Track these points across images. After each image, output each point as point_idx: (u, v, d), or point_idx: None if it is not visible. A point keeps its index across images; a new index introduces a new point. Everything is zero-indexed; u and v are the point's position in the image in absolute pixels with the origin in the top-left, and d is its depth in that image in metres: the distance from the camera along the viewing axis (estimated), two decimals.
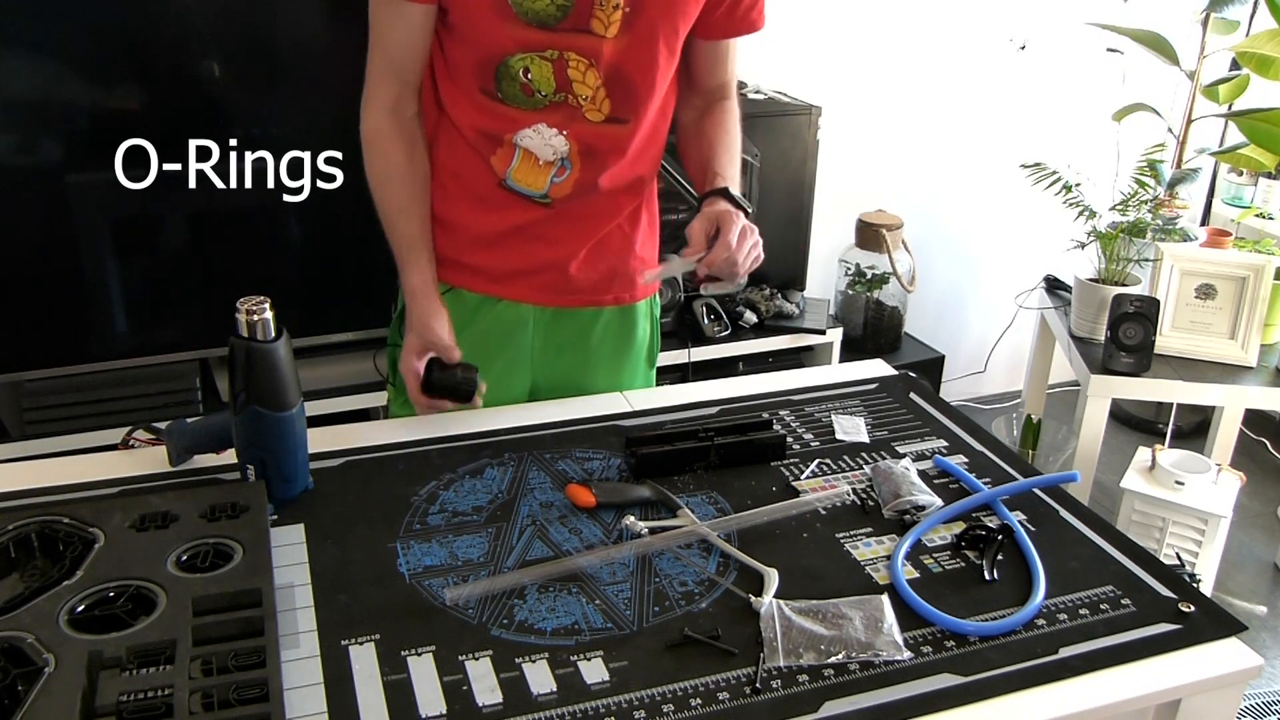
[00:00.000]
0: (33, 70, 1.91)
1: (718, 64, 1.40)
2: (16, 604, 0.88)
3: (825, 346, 2.69)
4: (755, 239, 1.29)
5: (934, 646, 0.94)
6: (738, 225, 1.26)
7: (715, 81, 1.42)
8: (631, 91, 1.28)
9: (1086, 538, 1.12)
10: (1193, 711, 0.97)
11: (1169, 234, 2.55)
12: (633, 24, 1.23)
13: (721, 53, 1.39)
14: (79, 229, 2.03)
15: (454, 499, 1.15)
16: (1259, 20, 3.03)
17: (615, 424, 1.33)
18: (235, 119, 2.08)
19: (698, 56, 1.39)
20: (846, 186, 2.93)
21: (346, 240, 2.24)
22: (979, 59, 3.03)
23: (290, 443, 1.10)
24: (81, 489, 1.13)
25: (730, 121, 1.42)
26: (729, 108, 1.44)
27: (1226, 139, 3.19)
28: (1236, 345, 2.36)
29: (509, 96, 1.26)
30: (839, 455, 1.27)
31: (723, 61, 1.40)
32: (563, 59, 1.23)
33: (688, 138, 1.44)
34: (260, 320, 1.05)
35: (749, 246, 1.28)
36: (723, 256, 1.25)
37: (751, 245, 1.28)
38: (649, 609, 0.98)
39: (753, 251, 1.28)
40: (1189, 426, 3.32)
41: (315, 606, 0.96)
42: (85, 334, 2.10)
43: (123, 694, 0.79)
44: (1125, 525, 2.18)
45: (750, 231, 1.28)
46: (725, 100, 1.44)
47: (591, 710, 0.85)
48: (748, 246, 1.27)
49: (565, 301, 1.40)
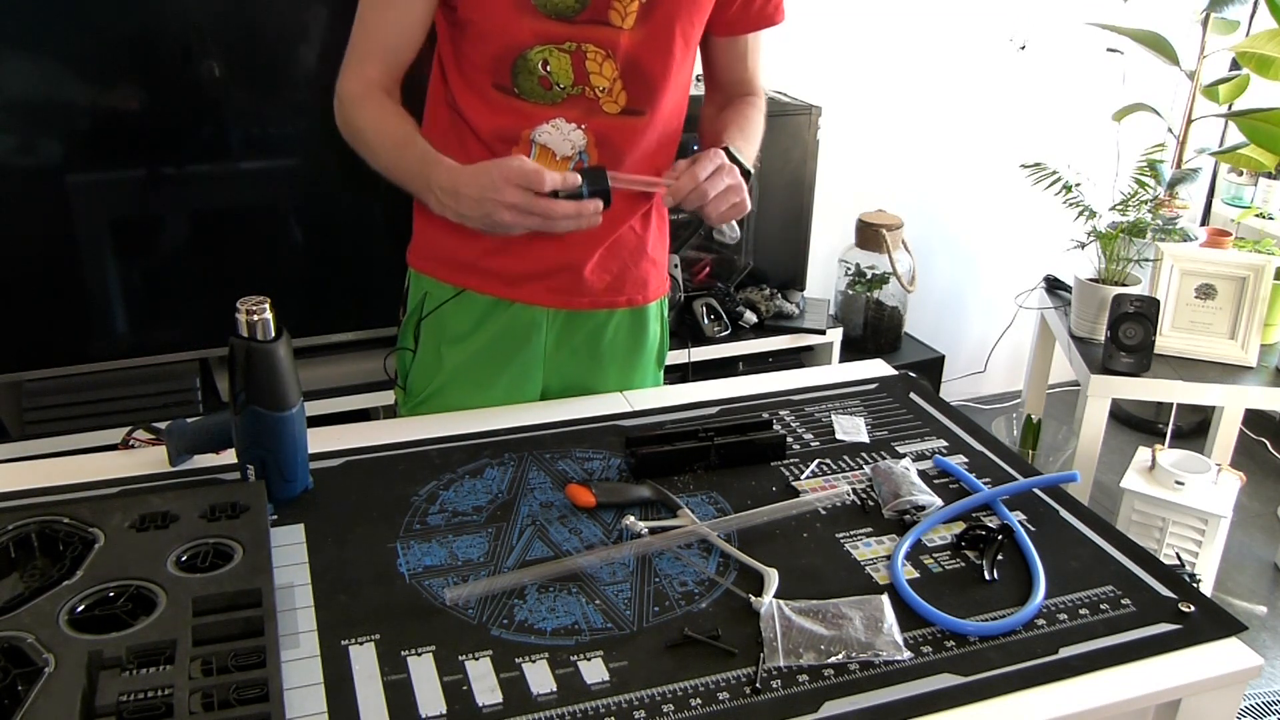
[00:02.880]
0: (33, 70, 1.91)
1: (737, 60, 1.40)
2: (16, 604, 0.88)
3: (825, 346, 2.69)
4: (734, 180, 1.23)
5: (934, 646, 0.94)
6: (712, 159, 1.22)
7: (736, 77, 1.41)
8: (648, 82, 1.28)
9: (1086, 538, 1.12)
10: (1193, 711, 0.97)
11: (1169, 234, 2.55)
12: (650, 15, 1.23)
13: (740, 49, 1.39)
14: (79, 229, 2.03)
15: (454, 499, 1.15)
16: (1259, 20, 3.04)
17: (615, 424, 1.33)
18: (236, 119, 2.08)
19: (717, 53, 1.39)
20: (846, 186, 2.94)
21: (347, 240, 2.24)
22: (979, 59, 3.03)
23: (290, 443, 1.10)
24: (81, 489, 1.13)
25: (749, 111, 1.40)
26: (751, 101, 1.42)
27: (1226, 139, 3.19)
28: (1236, 345, 2.36)
29: (526, 91, 1.25)
30: (839, 455, 1.27)
31: (742, 58, 1.40)
32: (581, 51, 1.23)
33: (706, 126, 1.43)
34: (260, 320, 1.05)
35: (723, 184, 1.22)
36: (688, 187, 1.20)
37: (728, 186, 1.22)
38: (649, 609, 0.98)
39: (729, 194, 1.23)
40: (1189, 426, 3.32)
41: (315, 606, 0.96)
42: (85, 334, 2.10)
43: (123, 694, 0.79)
44: (1125, 525, 2.18)
45: (728, 171, 1.23)
46: (749, 95, 1.43)
47: (591, 710, 0.85)
48: (722, 184, 1.22)
49: (578, 304, 1.39)
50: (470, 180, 1.16)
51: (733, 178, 1.23)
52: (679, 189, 1.20)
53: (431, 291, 1.38)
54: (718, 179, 1.22)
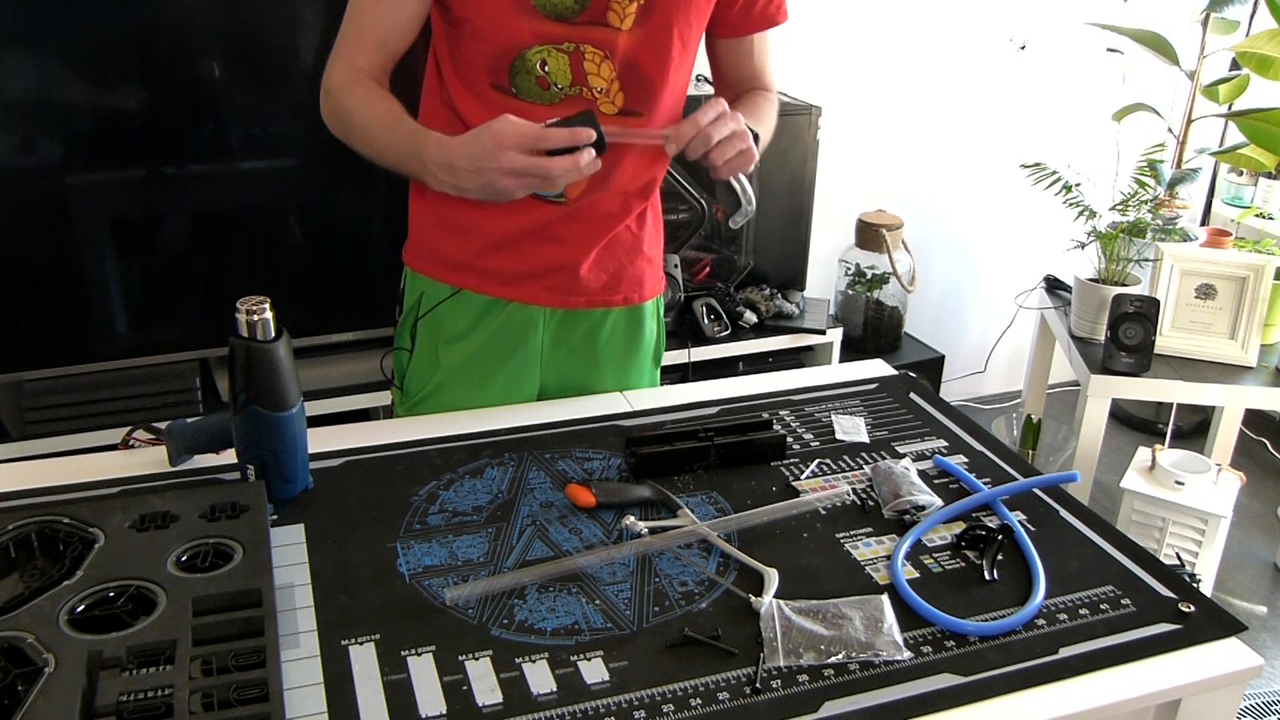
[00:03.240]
0: (33, 70, 1.91)
1: (743, 60, 1.39)
2: (16, 604, 0.88)
3: (825, 346, 2.69)
4: (738, 127, 1.18)
5: (934, 646, 0.94)
6: (714, 106, 1.18)
7: (745, 75, 1.41)
8: (645, 83, 1.28)
9: (1086, 538, 1.12)
10: (1193, 711, 0.97)
11: (1169, 234, 2.55)
12: (648, 16, 1.23)
13: (746, 49, 1.38)
14: (79, 229, 2.03)
15: (454, 499, 1.15)
16: (1259, 20, 3.04)
17: (615, 424, 1.33)
18: (236, 119, 2.08)
19: (723, 53, 1.39)
20: (846, 186, 2.94)
21: (347, 240, 2.24)
22: (979, 59, 3.03)
23: (290, 443, 1.10)
24: (81, 489, 1.13)
25: (758, 98, 1.39)
26: (762, 93, 1.41)
27: (1226, 139, 3.19)
28: (1236, 345, 2.36)
29: (524, 91, 1.25)
30: (839, 455, 1.27)
31: (748, 57, 1.39)
32: (579, 51, 1.23)
33: None
34: (260, 320, 1.05)
35: (727, 129, 1.17)
36: (690, 133, 1.16)
37: (733, 132, 1.18)
38: (649, 609, 0.98)
39: (734, 141, 1.18)
40: (1189, 426, 3.32)
41: (315, 606, 0.96)
42: (85, 334, 2.10)
43: (123, 694, 0.79)
44: (1125, 525, 2.18)
45: (731, 118, 1.18)
46: (761, 90, 1.42)
47: (591, 710, 0.85)
48: (726, 129, 1.17)
49: (574, 303, 1.39)
50: (462, 151, 1.13)
51: (736, 124, 1.19)
52: (680, 134, 1.17)
53: (428, 291, 1.38)
54: (721, 124, 1.17)
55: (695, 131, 1.16)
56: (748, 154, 1.21)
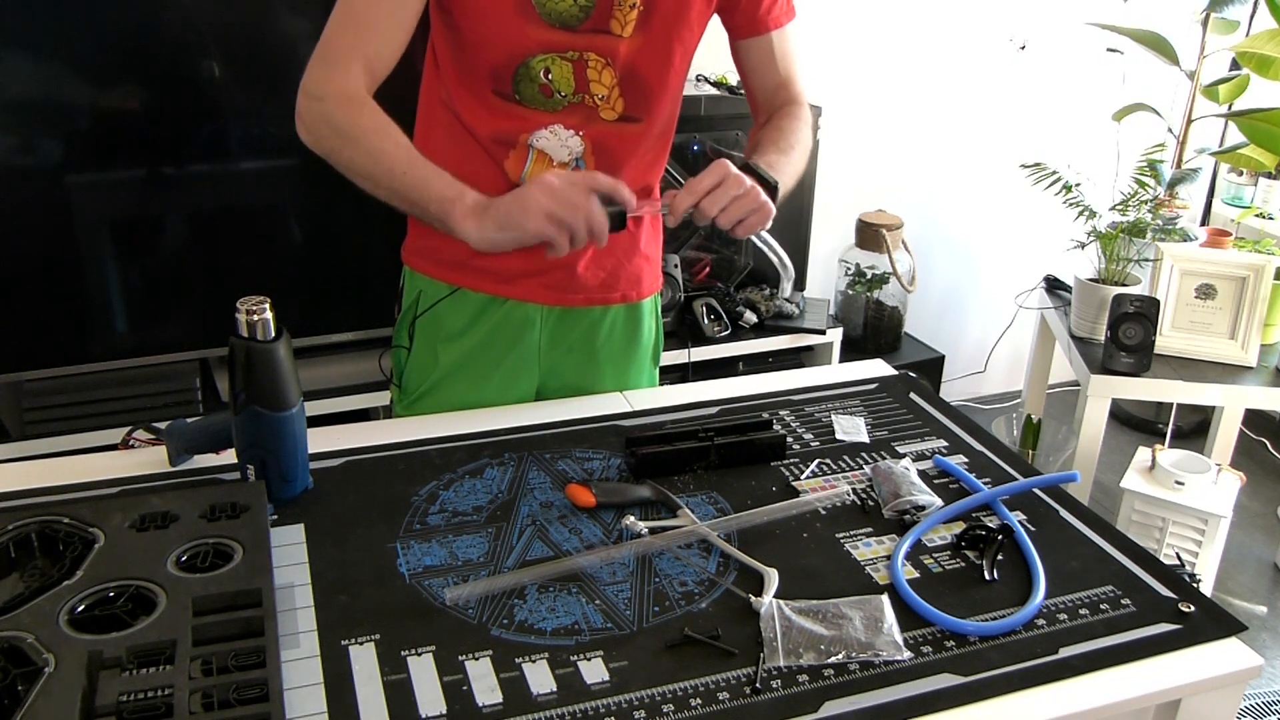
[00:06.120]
0: (33, 70, 1.91)
1: (765, 64, 1.38)
2: (16, 604, 0.88)
3: (825, 346, 2.69)
4: (741, 190, 1.16)
5: (934, 646, 0.94)
6: (713, 173, 1.16)
7: (771, 82, 1.39)
8: (645, 90, 1.28)
9: (1086, 538, 1.12)
10: (1193, 711, 0.97)
11: (1169, 234, 2.55)
12: (647, 23, 1.24)
13: (766, 52, 1.37)
14: (79, 229, 2.03)
15: (454, 499, 1.15)
16: (1259, 20, 3.04)
17: (615, 424, 1.33)
18: (236, 119, 2.09)
19: (744, 58, 1.38)
20: (846, 186, 2.94)
21: (346, 240, 2.24)
22: (979, 59, 3.03)
23: (290, 443, 1.10)
24: (81, 489, 1.13)
25: (784, 121, 1.35)
26: (789, 111, 1.37)
27: (1226, 139, 3.19)
28: (1236, 345, 2.36)
29: (527, 98, 1.25)
30: (839, 455, 1.27)
31: (770, 61, 1.37)
32: (583, 59, 1.23)
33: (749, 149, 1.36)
34: (260, 320, 1.05)
35: (728, 196, 1.15)
36: (686, 204, 1.15)
37: (734, 197, 1.16)
38: (649, 609, 0.98)
39: (741, 204, 1.16)
40: (1189, 426, 3.32)
41: (315, 606, 0.96)
42: (85, 334, 2.10)
43: (123, 694, 0.79)
44: (1125, 525, 2.18)
45: (734, 182, 1.16)
46: (788, 104, 1.38)
47: (591, 710, 0.85)
48: (727, 196, 1.15)
49: (572, 301, 1.40)
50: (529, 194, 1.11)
51: (740, 188, 1.16)
52: (677, 206, 1.16)
53: (426, 289, 1.38)
54: (721, 193, 1.15)
55: (693, 200, 1.15)
56: (762, 213, 1.18)
